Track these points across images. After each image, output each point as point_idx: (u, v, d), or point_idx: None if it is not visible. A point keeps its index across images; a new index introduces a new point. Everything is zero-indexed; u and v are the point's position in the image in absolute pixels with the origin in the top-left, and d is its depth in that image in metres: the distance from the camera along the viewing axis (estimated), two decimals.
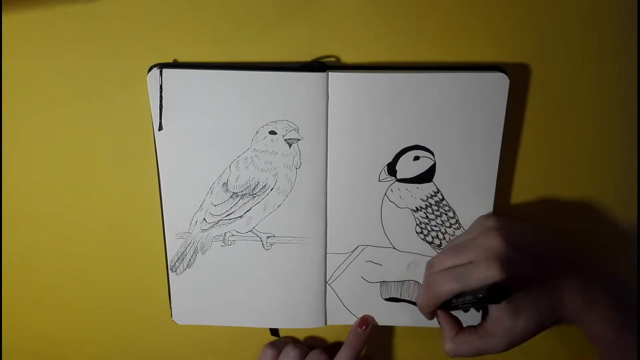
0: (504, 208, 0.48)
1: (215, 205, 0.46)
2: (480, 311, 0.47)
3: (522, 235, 0.42)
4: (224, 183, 0.45)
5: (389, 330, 0.53)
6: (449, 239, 0.47)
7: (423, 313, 0.45)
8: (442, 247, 0.47)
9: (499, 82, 0.42)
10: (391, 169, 0.45)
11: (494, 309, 0.41)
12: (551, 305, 0.41)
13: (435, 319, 0.46)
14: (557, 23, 0.43)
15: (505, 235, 0.40)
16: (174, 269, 0.48)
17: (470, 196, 0.45)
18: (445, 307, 0.43)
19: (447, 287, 0.40)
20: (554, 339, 0.53)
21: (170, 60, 0.43)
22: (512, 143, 0.46)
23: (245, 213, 0.46)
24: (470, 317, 0.47)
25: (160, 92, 0.42)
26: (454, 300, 0.42)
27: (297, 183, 0.45)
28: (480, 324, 0.43)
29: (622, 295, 0.42)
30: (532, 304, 0.40)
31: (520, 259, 0.40)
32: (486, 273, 0.39)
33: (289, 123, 0.43)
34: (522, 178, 0.48)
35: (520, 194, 0.48)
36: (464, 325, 0.44)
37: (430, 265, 0.44)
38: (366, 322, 0.49)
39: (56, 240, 0.50)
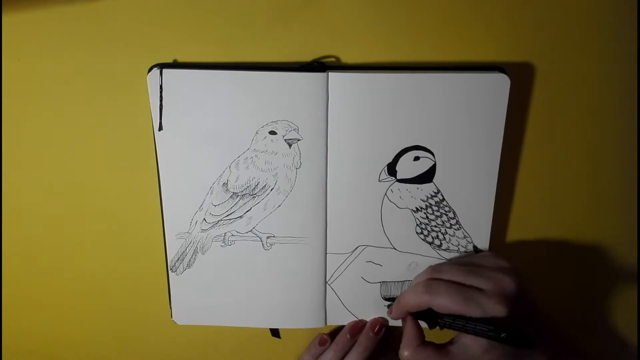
0: (504, 209, 0.48)
1: (215, 206, 0.46)
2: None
3: (527, 290, 0.42)
4: (224, 183, 0.45)
5: (388, 331, 0.53)
6: (449, 240, 0.47)
7: (397, 310, 0.45)
8: (442, 248, 0.47)
9: (500, 83, 0.42)
10: (391, 169, 0.45)
11: (466, 337, 0.41)
12: (519, 359, 0.41)
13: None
14: (559, 22, 0.43)
15: (518, 282, 0.42)
16: (174, 269, 0.48)
17: (471, 197, 0.45)
18: (424, 317, 0.43)
19: (452, 303, 0.40)
20: None
21: (170, 60, 0.43)
22: (513, 143, 0.46)
23: (245, 213, 0.46)
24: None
25: (160, 92, 0.42)
26: (446, 319, 0.41)
27: (297, 183, 0.45)
28: (445, 345, 0.42)
29: None
30: (503, 348, 0.40)
31: (521, 308, 0.41)
32: (495, 307, 0.40)
33: (289, 123, 0.43)
34: (523, 178, 0.47)
35: (521, 195, 0.48)
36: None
37: (436, 270, 0.44)
38: (378, 324, 0.49)
39: (56, 240, 0.50)
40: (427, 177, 0.45)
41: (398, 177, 0.45)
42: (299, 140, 0.44)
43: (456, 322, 0.41)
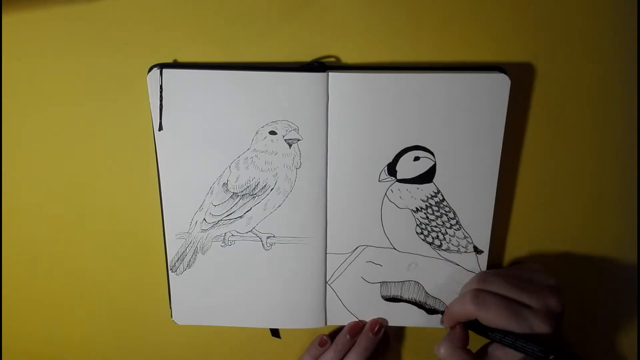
0: (505, 209, 0.48)
1: (215, 206, 0.46)
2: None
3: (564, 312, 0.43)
4: (224, 183, 0.45)
5: (387, 331, 0.53)
6: (450, 240, 0.47)
7: (447, 319, 0.46)
8: (442, 248, 0.47)
9: (500, 83, 0.42)
10: (391, 169, 0.45)
11: (500, 349, 0.42)
12: None
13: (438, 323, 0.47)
14: (559, 23, 0.43)
15: (564, 303, 0.42)
16: (174, 269, 0.48)
17: (471, 197, 0.45)
18: (475, 328, 0.43)
19: (499, 318, 0.41)
20: None
21: (170, 60, 0.43)
22: (513, 143, 0.46)
23: (245, 213, 0.46)
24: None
25: (160, 92, 0.42)
26: (497, 334, 0.41)
27: (297, 183, 0.45)
28: (481, 355, 0.43)
29: None
30: None
31: (561, 326, 0.42)
32: (541, 325, 0.40)
33: (289, 123, 0.43)
34: (523, 179, 0.47)
35: (521, 195, 0.48)
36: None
37: (483, 280, 0.44)
38: (378, 324, 0.49)
39: (56, 241, 0.50)
40: (427, 177, 0.45)
41: (398, 177, 0.45)
42: (299, 140, 0.44)
43: (506, 338, 0.41)
